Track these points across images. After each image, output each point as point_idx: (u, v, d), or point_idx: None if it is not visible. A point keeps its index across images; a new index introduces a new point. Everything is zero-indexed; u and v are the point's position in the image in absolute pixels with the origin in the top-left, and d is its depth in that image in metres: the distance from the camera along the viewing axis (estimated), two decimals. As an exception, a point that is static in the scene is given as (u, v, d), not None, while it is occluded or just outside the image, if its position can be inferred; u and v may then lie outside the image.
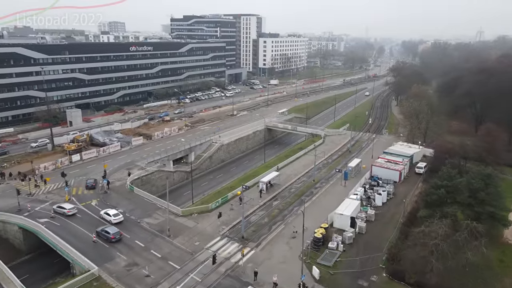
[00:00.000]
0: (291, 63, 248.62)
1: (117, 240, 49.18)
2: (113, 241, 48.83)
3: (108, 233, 49.49)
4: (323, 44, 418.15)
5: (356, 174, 73.73)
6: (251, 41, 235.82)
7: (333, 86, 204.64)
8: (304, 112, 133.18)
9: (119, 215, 54.55)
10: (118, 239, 49.28)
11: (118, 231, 50.09)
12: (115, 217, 54.10)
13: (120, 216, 54.53)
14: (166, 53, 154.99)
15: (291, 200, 63.80)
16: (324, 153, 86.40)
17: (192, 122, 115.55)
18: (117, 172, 73.76)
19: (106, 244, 48.67)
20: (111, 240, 48.86)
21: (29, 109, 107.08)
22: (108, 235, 49.23)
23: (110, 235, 49.18)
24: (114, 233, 49.45)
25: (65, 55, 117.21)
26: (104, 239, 49.47)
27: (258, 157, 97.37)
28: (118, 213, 54.86)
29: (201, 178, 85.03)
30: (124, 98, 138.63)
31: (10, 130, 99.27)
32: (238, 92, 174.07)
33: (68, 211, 55.33)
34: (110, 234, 49.22)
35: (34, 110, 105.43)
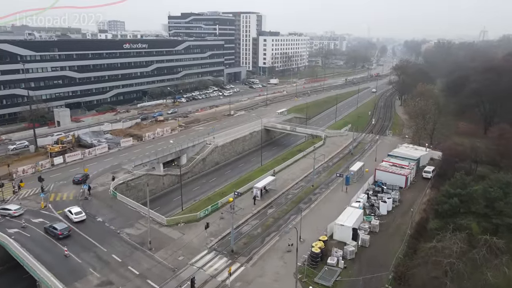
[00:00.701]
0: (292, 62, 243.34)
1: (65, 237, 47.07)
2: (61, 237, 46.78)
3: (56, 229, 47.33)
4: (325, 43, 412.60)
5: (358, 178, 68.41)
6: (251, 40, 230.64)
7: (334, 85, 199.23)
8: (304, 112, 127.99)
9: (81, 214, 52.19)
10: (66, 235, 47.23)
11: (66, 227, 48.15)
12: (77, 216, 51.64)
13: (83, 215, 52.12)
14: (162, 51, 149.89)
15: (287, 207, 58.53)
16: (325, 156, 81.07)
17: (187, 122, 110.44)
18: (102, 176, 68.65)
19: (78, 259, 43.51)
20: (58, 237, 46.79)
21: (15, 109, 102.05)
22: (56, 231, 47.14)
23: (57, 231, 47.06)
24: (62, 229, 47.40)
25: (54, 52, 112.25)
26: (52, 235, 47.48)
27: (255, 159, 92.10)
28: (80, 211, 52.55)
29: (193, 182, 79.87)
30: (118, 97, 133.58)
31: None
32: (236, 91, 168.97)
33: (14, 212, 51.68)
34: (58, 230, 47.09)
35: (19, 110, 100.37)
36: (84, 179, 65.49)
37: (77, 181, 64.41)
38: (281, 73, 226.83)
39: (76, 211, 52.24)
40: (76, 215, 51.75)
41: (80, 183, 63.96)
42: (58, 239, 46.67)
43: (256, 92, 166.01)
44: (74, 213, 51.82)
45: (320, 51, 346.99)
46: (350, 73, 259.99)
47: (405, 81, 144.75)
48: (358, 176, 68.91)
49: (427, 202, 57.50)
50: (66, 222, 50.59)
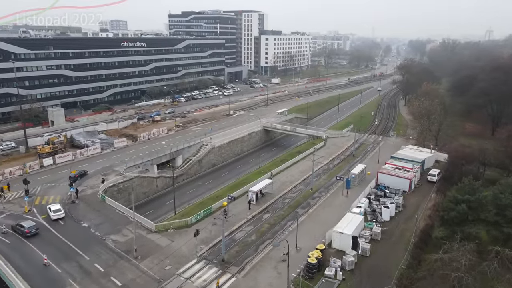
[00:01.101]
0: (294, 62, 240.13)
1: (33, 235, 45.96)
2: (28, 235, 45.64)
3: (23, 227, 46.21)
4: (328, 43, 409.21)
5: (360, 182, 65.24)
6: (252, 39, 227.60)
7: (337, 85, 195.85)
8: (306, 112, 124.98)
9: (59, 211, 51.07)
10: (34, 233, 46.18)
11: (34, 225, 47.02)
12: (55, 213, 50.62)
13: (61, 213, 51.03)
14: (161, 49, 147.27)
15: (284, 212, 55.46)
16: (324, 158, 78.04)
17: (184, 122, 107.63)
18: (92, 178, 65.87)
19: (58, 268, 40.70)
20: (26, 235, 45.62)
21: (9, 108, 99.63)
22: (23, 229, 45.99)
23: (24, 229, 45.94)
24: (29, 227, 46.27)
25: (50, 50, 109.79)
26: (20, 233, 46.33)
27: (253, 161, 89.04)
28: (59, 209, 51.38)
29: (189, 185, 76.99)
30: (115, 97, 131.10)
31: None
32: (237, 91, 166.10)
33: (27, 231, 46.41)
34: (25, 228, 45.98)
35: (12, 109, 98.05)
36: (80, 176, 65.79)
37: (73, 177, 64.04)
38: (283, 73, 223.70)
39: (55, 209, 51.16)
40: (54, 212, 50.64)
41: (76, 180, 63.80)
42: (26, 237, 45.57)
43: (257, 92, 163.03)
44: (52, 211, 50.79)
45: (324, 51, 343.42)
46: (353, 72, 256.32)
47: (409, 81, 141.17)
48: (360, 179, 65.76)
49: (432, 207, 54.25)
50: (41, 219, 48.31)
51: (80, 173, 67.00)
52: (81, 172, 67.36)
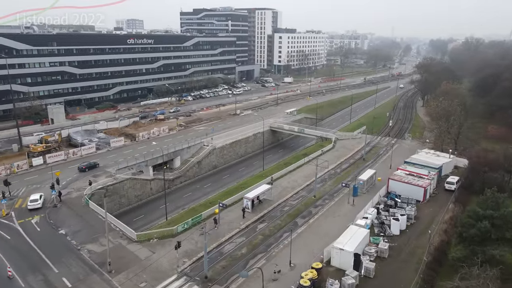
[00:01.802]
0: (308, 61, 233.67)
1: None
2: None
3: None
4: (345, 42, 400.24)
5: (369, 189, 59.38)
6: (265, 37, 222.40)
7: (352, 84, 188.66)
8: (317, 113, 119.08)
9: (36, 202, 50.81)
10: None
11: None
12: (31, 203, 50.72)
13: (37, 203, 50.65)
14: (169, 47, 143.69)
15: (281, 222, 50.20)
16: (333, 161, 72.38)
17: (188, 121, 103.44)
18: (81, 179, 62.12)
19: (22, 282, 36.66)
20: None
21: (11, 105, 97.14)
22: None
23: None
24: None
25: (53, 47, 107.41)
26: None
27: (258, 163, 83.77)
28: (36, 200, 51.23)
29: (186, 188, 72.52)
30: (121, 95, 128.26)
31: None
32: (247, 90, 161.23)
33: None
34: None
35: (12, 107, 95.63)
36: (89, 168, 66.59)
37: (81, 169, 65.76)
38: (297, 72, 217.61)
39: (32, 198, 51.04)
40: (31, 202, 50.53)
41: (84, 171, 65.36)
42: None
43: (268, 91, 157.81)
44: (30, 200, 50.69)
45: (340, 50, 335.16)
46: (370, 72, 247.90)
47: (427, 80, 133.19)
48: (369, 186, 59.88)
49: (449, 220, 47.97)
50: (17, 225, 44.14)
51: (90, 165, 67.63)
52: (91, 164, 67.96)
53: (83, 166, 66.51)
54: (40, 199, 51.63)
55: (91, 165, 67.64)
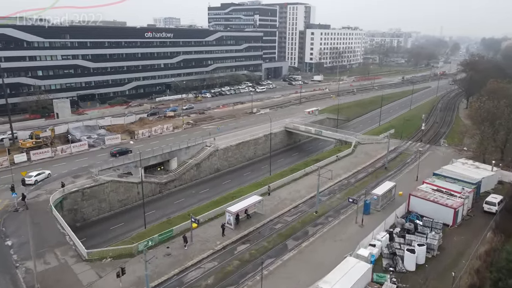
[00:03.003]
0: (343, 58, 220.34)
1: None
2: None
3: None
4: (387, 40, 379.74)
5: (385, 206, 48.73)
6: (297, 33, 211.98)
7: (388, 84, 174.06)
8: (343, 113, 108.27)
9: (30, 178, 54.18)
10: None
11: None
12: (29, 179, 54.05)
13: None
14: (190, 41, 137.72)
15: (268, 244, 41.05)
16: (348, 169, 61.96)
17: (198, 119, 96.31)
18: (58, 180, 56.06)
19: None
20: None
21: (18, 98, 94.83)
22: None
23: None
24: None
25: (66, 39, 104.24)
26: None
27: (267, 167, 74.67)
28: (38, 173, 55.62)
29: (180, 193, 65.07)
30: (138, 90, 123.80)
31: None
32: (271, 87, 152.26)
33: None
34: None
35: (19, 100, 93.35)
36: (120, 154, 66.18)
37: (112, 154, 66.43)
38: (329, 70, 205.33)
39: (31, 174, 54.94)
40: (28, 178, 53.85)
41: (115, 156, 65.58)
42: None
43: (294, 89, 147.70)
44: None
45: (380, 48, 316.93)
46: (410, 71, 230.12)
47: (472, 78, 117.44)
48: (385, 203, 49.19)
49: (484, 256, 36.59)
50: None
51: (121, 150, 67.61)
52: (122, 149, 68.09)
53: (114, 151, 67.14)
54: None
55: (122, 151, 67.59)
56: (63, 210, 51.47)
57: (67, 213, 52.00)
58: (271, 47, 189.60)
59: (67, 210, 51.98)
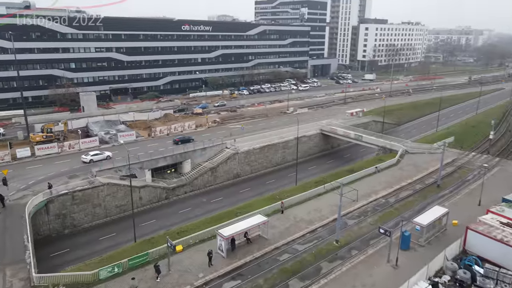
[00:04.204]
0: (400, 56, 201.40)
1: None
2: None
3: None
4: (453, 38, 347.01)
5: (432, 240, 36.83)
6: (350, 28, 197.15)
7: (451, 84, 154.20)
8: (394, 116, 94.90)
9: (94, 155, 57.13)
10: None
11: None
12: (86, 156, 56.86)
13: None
14: (230, 35, 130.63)
15: (264, 283, 31.43)
16: (388, 185, 50.21)
17: (226, 118, 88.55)
18: (52, 179, 50.76)
19: None
20: None
21: (50, 91, 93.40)
22: None
23: None
24: None
25: (99, 31, 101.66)
26: None
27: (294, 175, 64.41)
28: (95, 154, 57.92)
29: (189, 200, 57.21)
30: (173, 85, 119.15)
31: (19, 112, 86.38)
32: (316, 86, 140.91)
33: None
34: None
35: (49, 93, 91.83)
36: (182, 142, 65.25)
37: (175, 141, 65.92)
38: (384, 69, 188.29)
39: (91, 153, 57.78)
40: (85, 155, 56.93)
41: (177, 143, 64.81)
42: None
43: (340, 88, 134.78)
44: None
45: (445, 46, 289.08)
46: (479, 71, 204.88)
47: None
48: (433, 235, 37.27)
49: None
50: None
51: (184, 138, 67.07)
52: (185, 138, 67.46)
53: (176, 139, 66.73)
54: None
55: (185, 139, 66.88)
56: (49, 215, 45.83)
57: (54, 219, 46.34)
58: (319, 42, 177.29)
59: (54, 215, 46.24)
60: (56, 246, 44.30)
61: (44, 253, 42.72)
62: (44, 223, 45.74)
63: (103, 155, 58.22)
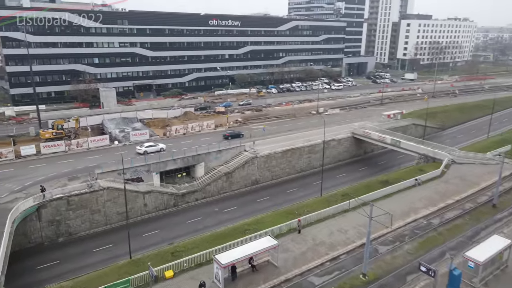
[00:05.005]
0: (444, 55, 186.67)
1: None
2: None
3: None
4: (505, 36, 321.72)
5: (490, 280, 28.58)
6: (390, 24, 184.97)
7: (505, 85, 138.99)
8: (437, 119, 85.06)
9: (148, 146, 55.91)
10: None
11: None
12: (140, 148, 56.08)
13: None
14: (260, 30, 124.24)
15: (266, 330, 24.74)
16: (431, 202, 41.92)
17: (250, 117, 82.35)
18: (51, 181, 46.68)
19: None
20: None
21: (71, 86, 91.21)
22: None
23: None
24: None
25: (124, 25, 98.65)
26: None
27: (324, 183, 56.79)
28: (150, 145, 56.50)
29: (200, 208, 51.38)
30: (198, 82, 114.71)
31: (41, 108, 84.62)
32: (351, 85, 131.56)
33: None
34: None
35: (69, 88, 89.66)
36: (233, 137, 63.75)
37: (225, 136, 64.55)
38: (427, 68, 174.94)
39: (146, 145, 56.81)
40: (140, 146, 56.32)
41: (227, 138, 63.80)
42: None
43: (377, 88, 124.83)
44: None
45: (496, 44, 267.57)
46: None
47: None
48: (491, 274, 28.99)
49: None
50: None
51: (234, 133, 65.50)
52: (235, 133, 65.90)
53: (226, 133, 65.46)
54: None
55: (235, 134, 65.27)
56: (42, 221, 41.52)
57: (47, 225, 42.03)
58: (356, 39, 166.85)
59: (47, 221, 41.91)
60: (46, 256, 39.86)
61: (31, 264, 38.57)
62: (36, 230, 41.50)
63: (157, 147, 56.58)
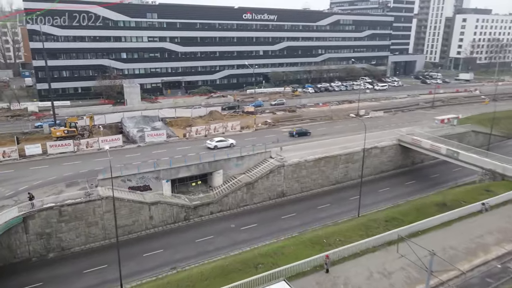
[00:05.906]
0: (506, 53, 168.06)
1: None
2: None
3: None
4: None
5: None
6: (442, 20, 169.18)
7: None
8: (501, 125, 72.99)
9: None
10: None
11: None
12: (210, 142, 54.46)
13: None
14: (297, 25, 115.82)
15: None
16: (504, 235, 32.12)
17: (281, 119, 74.54)
18: (46, 187, 41.55)
19: None
20: None
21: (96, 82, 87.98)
22: None
23: None
24: None
25: (153, 19, 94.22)
26: None
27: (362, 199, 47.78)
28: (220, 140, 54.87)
29: (214, 224, 44.30)
30: (230, 80, 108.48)
31: (66, 103, 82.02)
32: (397, 85, 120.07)
33: None
34: None
35: (95, 84, 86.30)
36: (299, 134, 61.52)
37: (292, 134, 62.02)
38: (484, 68, 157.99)
39: (216, 139, 55.23)
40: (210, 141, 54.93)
41: (293, 136, 61.05)
42: None
43: (427, 89, 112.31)
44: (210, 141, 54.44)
45: None
46: None
47: None
48: None
49: None
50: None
51: (301, 131, 63.00)
52: (302, 130, 63.25)
53: (293, 131, 63.04)
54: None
55: (302, 132, 62.83)
56: (29, 234, 36.22)
57: (35, 239, 36.69)
58: (403, 36, 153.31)
59: (35, 234, 36.57)
60: (29, 276, 34.45)
61: (13, 285, 33.28)
62: (22, 244, 36.26)
63: (227, 142, 55.01)
